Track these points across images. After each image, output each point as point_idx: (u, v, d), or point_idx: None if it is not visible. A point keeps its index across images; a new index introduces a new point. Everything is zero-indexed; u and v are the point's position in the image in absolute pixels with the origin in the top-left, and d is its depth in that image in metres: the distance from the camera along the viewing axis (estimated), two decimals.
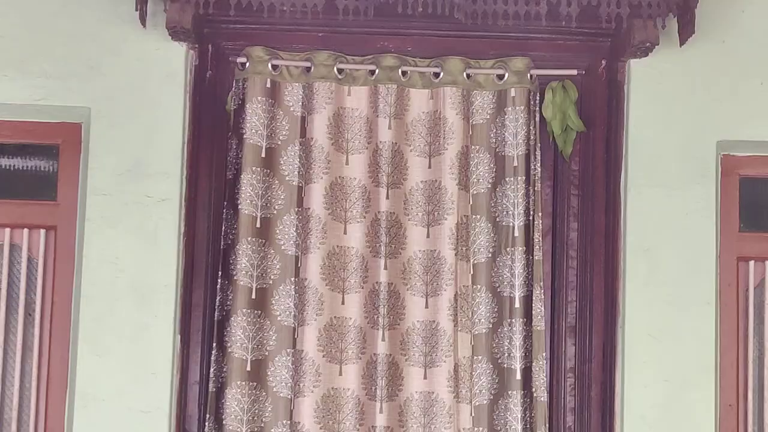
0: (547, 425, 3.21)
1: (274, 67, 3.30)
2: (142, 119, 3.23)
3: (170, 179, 3.21)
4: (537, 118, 3.31)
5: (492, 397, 3.25)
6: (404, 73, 3.32)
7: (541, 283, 3.25)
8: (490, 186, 3.31)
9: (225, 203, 3.30)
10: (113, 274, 3.18)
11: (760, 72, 3.29)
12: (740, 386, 3.32)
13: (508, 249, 3.28)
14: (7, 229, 3.30)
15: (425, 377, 3.21)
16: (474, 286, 3.28)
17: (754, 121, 3.28)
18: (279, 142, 3.30)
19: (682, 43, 3.25)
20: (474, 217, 3.30)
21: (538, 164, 3.30)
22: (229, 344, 3.21)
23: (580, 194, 3.35)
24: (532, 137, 3.30)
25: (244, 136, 3.27)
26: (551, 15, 3.14)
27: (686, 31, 3.20)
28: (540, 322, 3.23)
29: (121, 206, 3.20)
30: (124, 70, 3.24)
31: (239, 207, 3.26)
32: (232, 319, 3.22)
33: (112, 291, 3.18)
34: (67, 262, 3.28)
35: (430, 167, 3.31)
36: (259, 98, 3.28)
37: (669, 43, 3.26)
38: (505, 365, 3.25)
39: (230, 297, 3.24)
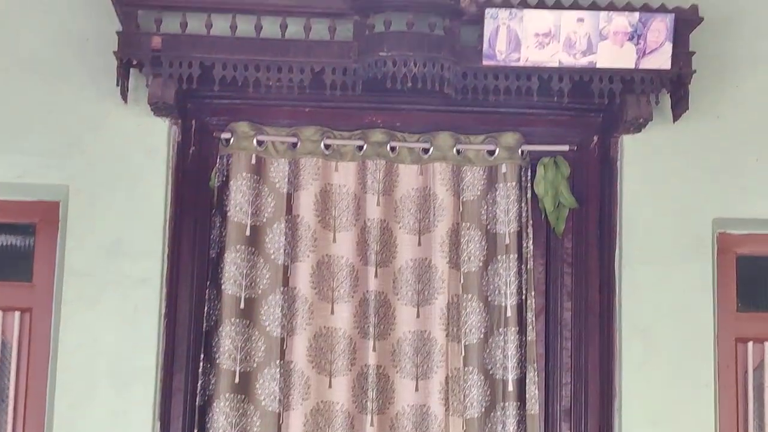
0: None
1: (260, 142, 3.22)
2: (122, 196, 3.14)
3: (151, 258, 3.12)
4: (529, 195, 3.24)
5: None
6: (393, 148, 3.25)
7: (535, 365, 3.17)
8: (481, 264, 3.23)
9: (208, 283, 3.20)
10: (90, 358, 3.07)
11: (755, 148, 3.24)
12: None
13: (500, 329, 3.20)
14: None
15: None
16: (465, 368, 3.19)
17: (751, 198, 3.22)
18: (264, 220, 3.21)
19: (675, 119, 3.20)
20: (465, 296, 3.22)
21: (531, 242, 3.22)
22: (211, 431, 3.10)
23: (573, 272, 3.29)
24: (523, 214, 3.23)
25: (228, 214, 3.19)
26: (543, 90, 3.09)
27: (680, 106, 3.16)
28: (534, 406, 3.14)
29: (99, 287, 3.09)
30: (104, 146, 3.15)
31: (222, 287, 3.16)
32: (215, 404, 3.11)
33: (90, 376, 3.06)
34: (42, 345, 3.16)
35: (419, 245, 3.23)
36: (243, 174, 3.20)
37: (662, 119, 3.21)
38: None
39: (213, 381, 3.13)
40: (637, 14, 3.05)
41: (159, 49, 3.01)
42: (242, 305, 3.16)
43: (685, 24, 3.09)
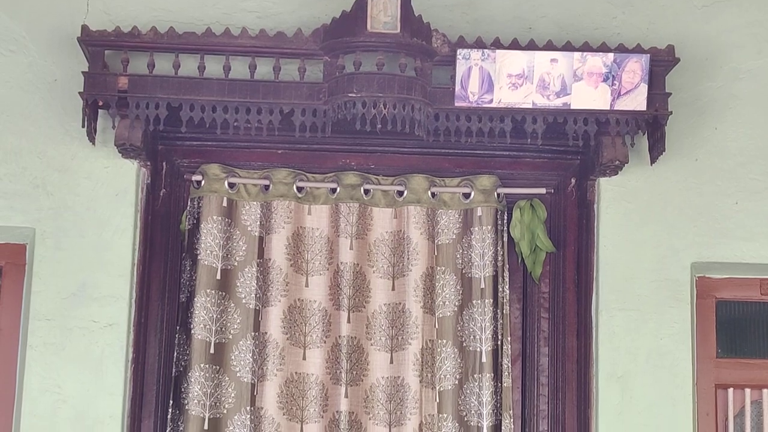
0: None
1: (231, 185, 3.18)
2: (89, 240, 3.09)
3: (118, 303, 3.07)
4: (505, 238, 3.19)
5: None
6: (366, 191, 3.20)
7: (511, 412, 3.10)
8: (456, 309, 3.18)
9: (177, 327, 3.15)
10: (55, 404, 3.01)
11: (734, 190, 3.19)
12: None
13: (475, 375, 3.13)
14: None
15: None
16: (440, 415, 3.12)
17: (730, 241, 3.17)
18: (235, 264, 3.16)
19: (653, 161, 3.15)
20: (440, 341, 3.16)
21: (507, 286, 3.17)
22: None
23: (550, 317, 3.23)
24: (499, 258, 3.18)
25: (199, 257, 3.14)
26: (516, 132, 3.04)
27: (657, 149, 3.11)
28: None
29: (65, 332, 3.04)
30: (71, 188, 3.11)
31: (192, 331, 3.10)
32: None
33: (54, 423, 3.01)
34: (6, 391, 3.10)
35: (393, 289, 3.17)
36: (214, 217, 3.16)
37: (640, 161, 3.17)
38: None
39: (182, 427, 3.07)
40: (611, 55, 3.02)
41: (125, 89, 2.98)
42: (212, 350, 3.10)
43: (661, 65, 3.06)
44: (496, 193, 3.20)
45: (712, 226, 3.17)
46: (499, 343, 3.14)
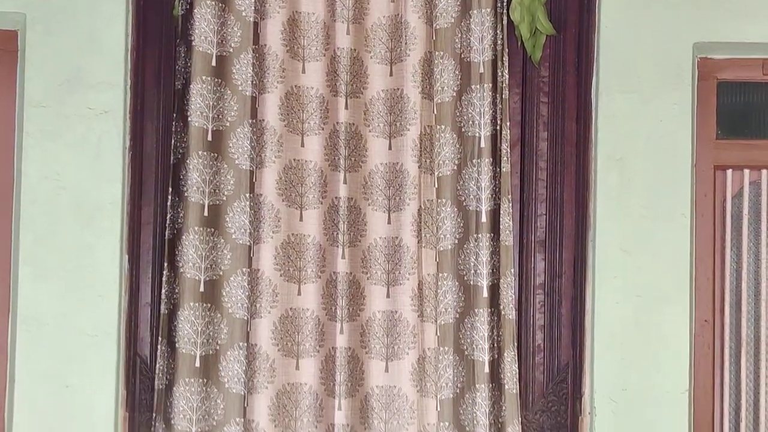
0: (516, 344, 3.09)
1: None
2: (81, 25, 3.04)
3: (113, 89, 3.04)
4: (504, 21, 3.13)
5: (458, 316, 3.12)
6: None
7: (509, 196, 3.11)
8: (455, 94, 3.15)
9: (174, 115, 3.12)
10: (54, 191, 3.02)
11: None
12: (716, 301, 3.21)
13: (474, 161, 3.13)
14: None
15: (388, 296, 3.07)
16: (439, 200, 3.13)
17: (733, 21, 3.11)
18: (231, 50, 3.11)
19: None
20: (438, 127, 3.14)
21: (506, 70, 3.13)
22: (180, 264, 3.06)
23: (550, 102, 3.20)
24: (499, 42, 3.13)
25: (193, 44, 3.08)
26: None
27: None
28: (508, 237, 3.09)
29: (60, 119, 3.03)
30: None
31: (189, 119, 3.08)
32: (184, 237, 3.06)
33: (54, 209, 3.02)
34: (4, 179, 3.10)
35: (391, 75, 3.14)
36: (208, 2, 3.09)
37: None
38: (472, 282, 3.12)
39: (181, 214, 3.08)
40: None
41: None
42: (210, 137, 3.09)
43: None
44: None
45: (715, 4, 3.11)
46: (498, 128, 3.13)
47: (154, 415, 3.09)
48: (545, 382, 3.18)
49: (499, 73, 3.13)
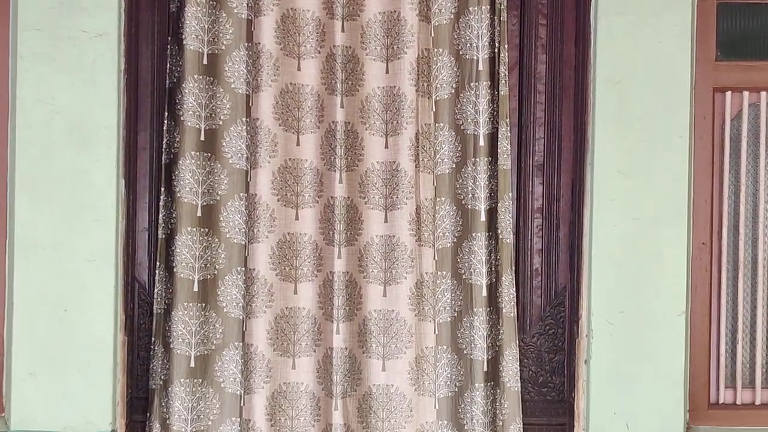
0: (514, 267, 3.09)
1: None
2: None
3: (107, 12, 3.00)
4: None
5: (455, 240, 3.12)
6: None
7: (507, 120, 3.09)
8: (452, 17, 3.12)
9: (169, 38, 3.09)
10: (49, 115, 2.99)
11: None
12: (714, 223, 3.21)
13: (471, 84, 3.11)
14: None
15: (386, 221, 3.06)
16: (436, 125, 3.11)
17: None
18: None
19: None
20: (435, 50, 3.11)
21: None
22: (178, 188, 3.05)
23: (548, 24, 3.17)
24: None
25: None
26: None
27: None
28: (506, 161, 3.08)
29: (55, 42, 2.99)
30: None
31: (184, 42, 3.05)
32: (180, 161, 3.05)
33: (49, 133, 3.00)
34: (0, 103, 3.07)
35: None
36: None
37: None
38: (469, 206, 3.11)
39: (177, 139, 3.06)
40: None
41: None
42: (205, 61, 3.06)
43: None
44: None
45: None
46: (495, 50, 3.10)
47: (153, 338, 3.10)
48: (543, 305, 3.18)
49: None
